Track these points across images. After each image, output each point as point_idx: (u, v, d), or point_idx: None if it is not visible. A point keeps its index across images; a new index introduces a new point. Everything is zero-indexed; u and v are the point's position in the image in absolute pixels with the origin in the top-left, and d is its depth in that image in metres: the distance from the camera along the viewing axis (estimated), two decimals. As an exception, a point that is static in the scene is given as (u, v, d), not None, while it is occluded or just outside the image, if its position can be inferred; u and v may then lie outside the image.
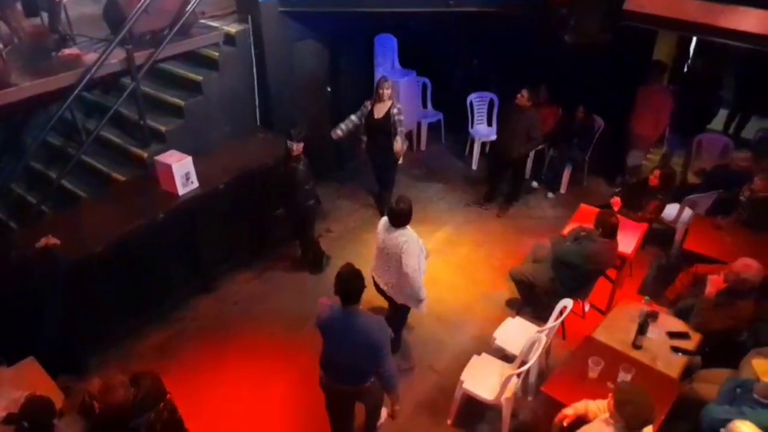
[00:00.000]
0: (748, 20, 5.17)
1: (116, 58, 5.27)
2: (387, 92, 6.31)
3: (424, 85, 8.38)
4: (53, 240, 4.44)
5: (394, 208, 4.53)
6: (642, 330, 4.36)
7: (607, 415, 3.39)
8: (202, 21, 6.21)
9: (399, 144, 6.45)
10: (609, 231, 4.97)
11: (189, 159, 5.28)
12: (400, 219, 4.52)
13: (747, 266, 4.43)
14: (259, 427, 4.75)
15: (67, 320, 4.81)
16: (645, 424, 3.24)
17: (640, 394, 3.33)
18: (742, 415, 3.39)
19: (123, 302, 5.33)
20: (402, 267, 4.48)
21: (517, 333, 4.84)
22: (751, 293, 4.51)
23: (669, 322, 4.63)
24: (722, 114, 7.95)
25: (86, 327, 5.04)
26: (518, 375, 4.36)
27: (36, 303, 4.64)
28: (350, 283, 3.64)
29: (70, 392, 4.63)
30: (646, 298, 4.79)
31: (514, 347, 4.70)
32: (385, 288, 4.83)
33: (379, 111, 6.36)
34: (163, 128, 5.74)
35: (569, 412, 3.62)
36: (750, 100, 7.88)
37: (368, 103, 6.39)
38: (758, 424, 3.29)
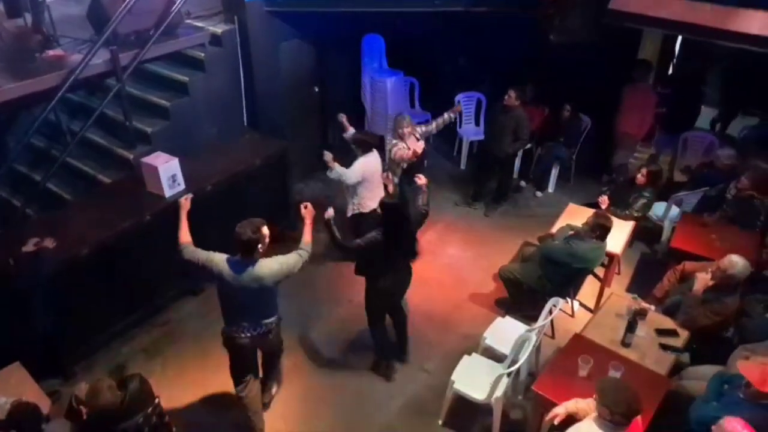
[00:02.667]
0: (732, 19, 5.23)
1: (101, 58, 5.22)
2: (407, 130, 6.07)
3: (412, 85, 8.38)
4: (47, 242, 4.40)
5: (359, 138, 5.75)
6: (631, 328, 4.38)
7: (596, 413, 3.40)
8: (188, 21, 6.16)
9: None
10: (603, 234, 5.00)
11: (175, 161, 5.25)
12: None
13: (733, 263, 4.47)
14: (245, 427, 4.67)
15: (53, 323, 4.75)
16: (631, 413, 3.24)
17: (619, 382, 3.46)
18: (731, 414, 3.40)
19: (109, 304, 5.27)
20: None
21: (506, 332, 4.84)
22: (737, 289, 4.56)
23: (657, 319, 4.65)
24: (706, 112, 8.03)
25: (72, 330, 4.98)
26: (508, 374, 4.37)
27: (21, 306, 4.58)
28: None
29: (57, 397, 4.59)
30: (634, 295, 4.82)
31: (503, 346, 4.71)
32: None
33: (417, 146, 6.11)
34: (148, 129, 5.69)
35: (560, 410, 3.62)
36: (735, 98, 7.95)
37: (402, 146, 6.02)
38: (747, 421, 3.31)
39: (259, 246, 3.93)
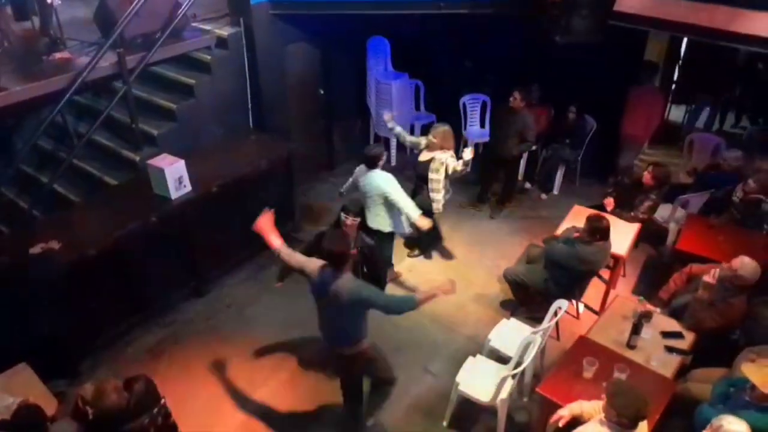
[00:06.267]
0: (737, 20, 5.20)
1: (108, 61, 5.26)
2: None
3: (417, 87, 8.37)
4: (53, 244, 4.42)
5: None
6: (636, 330, 4.37)
7: (602, 415, 3.40)
8: (194, 24, 6.19)
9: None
10: (602, 235, 4.98)
11: (182, 163, 5.27)
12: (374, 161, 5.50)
13: (744, 263, 4.45)
14: (249, 428, 4.73)
15: (59, 324, 4.78)
16: (638, 418, 3.25)
17: (631, 386, 3.43)
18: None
19: (115, 305, 5.31)
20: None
21: (511, 334, 4.84)
22: (744, 292, 4.53)
23: (663, 321, 4.64)
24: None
25: (79, 331, 5.01)
26: (513, 376, 4.36)
27: (28, 307, 4.60)
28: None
29: (64, 397, 4.61)
30: (640, 297, 4.80)
31: (508, 348, 4.70)
32: None
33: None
34: (155, 132, 5.72)
35: (564, 412, 3.62)
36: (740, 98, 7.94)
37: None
38: (751, 425, 3.30)
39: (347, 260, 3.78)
